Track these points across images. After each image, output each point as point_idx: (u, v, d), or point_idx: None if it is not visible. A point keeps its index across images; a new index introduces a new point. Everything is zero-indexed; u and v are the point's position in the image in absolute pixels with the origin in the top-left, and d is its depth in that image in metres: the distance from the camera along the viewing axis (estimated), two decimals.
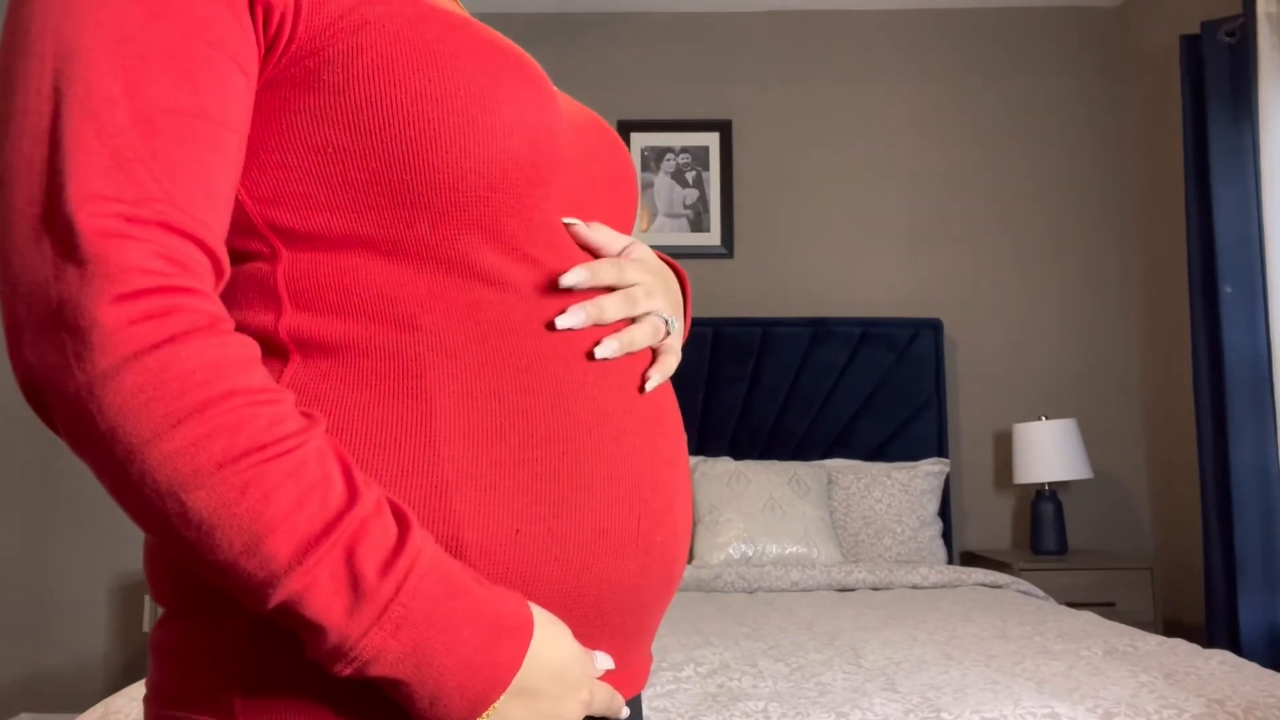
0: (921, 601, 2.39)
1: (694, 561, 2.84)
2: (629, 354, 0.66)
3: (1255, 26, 2.58)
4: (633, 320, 0.67)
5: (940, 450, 3.28)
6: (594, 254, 0.67)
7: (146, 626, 3.27)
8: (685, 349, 3.30)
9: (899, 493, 3.08)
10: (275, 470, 0.48)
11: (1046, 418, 3.23)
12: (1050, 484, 3.16)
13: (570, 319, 0.62)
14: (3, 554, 3.26)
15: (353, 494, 0.50)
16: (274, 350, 0.57)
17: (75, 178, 0.46)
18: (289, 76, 0.56)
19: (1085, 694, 1.48)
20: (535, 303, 0.61)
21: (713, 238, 3.50)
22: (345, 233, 0.57)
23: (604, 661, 0.61)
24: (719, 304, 3.48)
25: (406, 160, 0.56)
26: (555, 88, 0.69)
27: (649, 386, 0.67)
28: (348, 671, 0.49)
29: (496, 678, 0.52)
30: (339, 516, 0.49)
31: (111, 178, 0.47)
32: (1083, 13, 3.58)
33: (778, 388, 3.30)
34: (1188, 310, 3.17)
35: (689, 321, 0.81)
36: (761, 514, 2.87)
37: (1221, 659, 1.69)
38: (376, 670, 0.50)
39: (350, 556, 0.49)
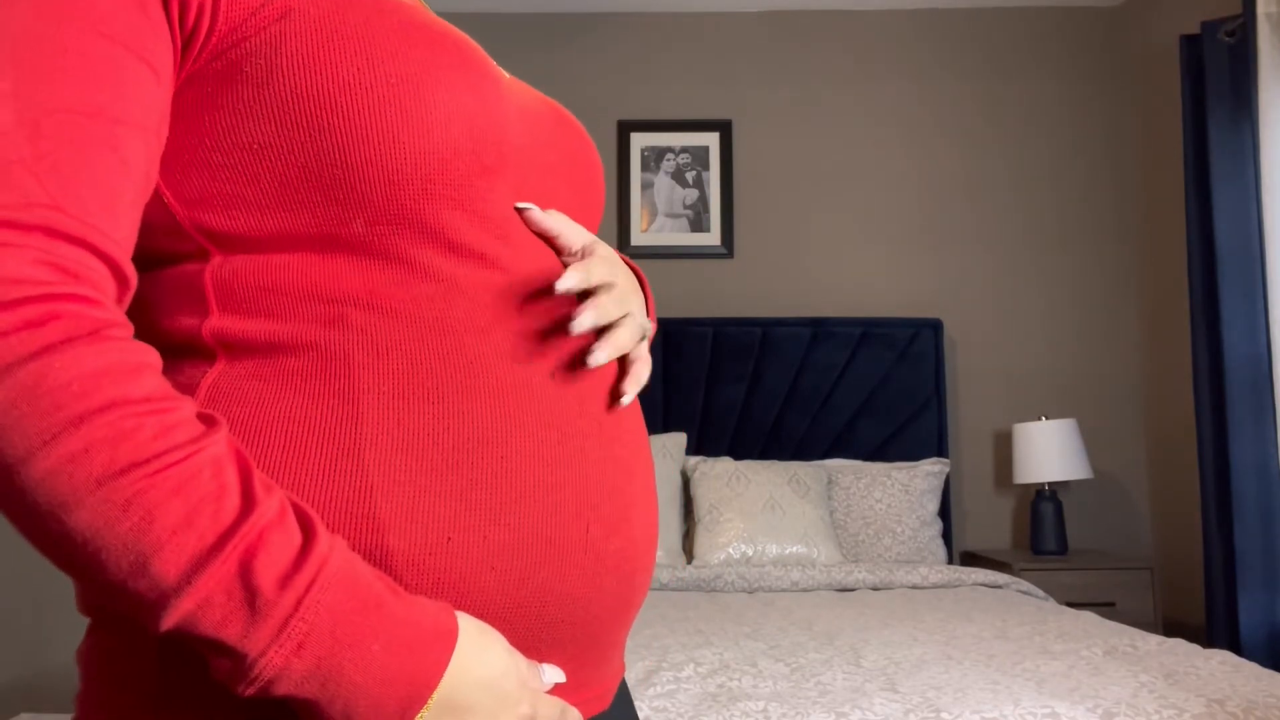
0: (921, 601, 2.39)
1: (694, 561, 2.84)
2: (577, 355, 0.63)
3: (1255, 26, 2.58)
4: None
5: (940, 450, 3.28)
6: (549, 242, 0.64)
7: None
8: (686, 349, 3.31)
9: (899, 493, 3.08)
10: (161, 484, 0.44)
11: (1046, 418, 3.23)
12: (1050, 484, 3.16)
13: (585, 321, 0.60)
14: (3, 554, 3.26)
15: (249, 503, 0.46)
16: (200, 353, 0.55)
17: None
18: (211, 71, 0.53)
19: (1085, 694, 1.48)
20: (480, 299, 0.58)
21: (713, 238, 3.50)
22: (277, 232, 0.55)
23: (552, 674, 0.57)
24: (719, 304, 3.48)
25: (336, 155, 0.53)
26: (506, 75, 0.67)
27: (625, 401, 0.64)
28: (250, 692, 0.46)
29: (414, 694, 0.48)
30: (233, 528, 0.45)
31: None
32: (1083, 13, 3.58)
33: (778, 388, 3.30)
34: (1188, 310, 3.17)
35: (654, 328, 0.79)
36: (761, 514, 2.87)
37: (1221, 659, 1.69)
38: (281, 690, 0.46)
39: (246, 571, 0.45)
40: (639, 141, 3.53)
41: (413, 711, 0.48)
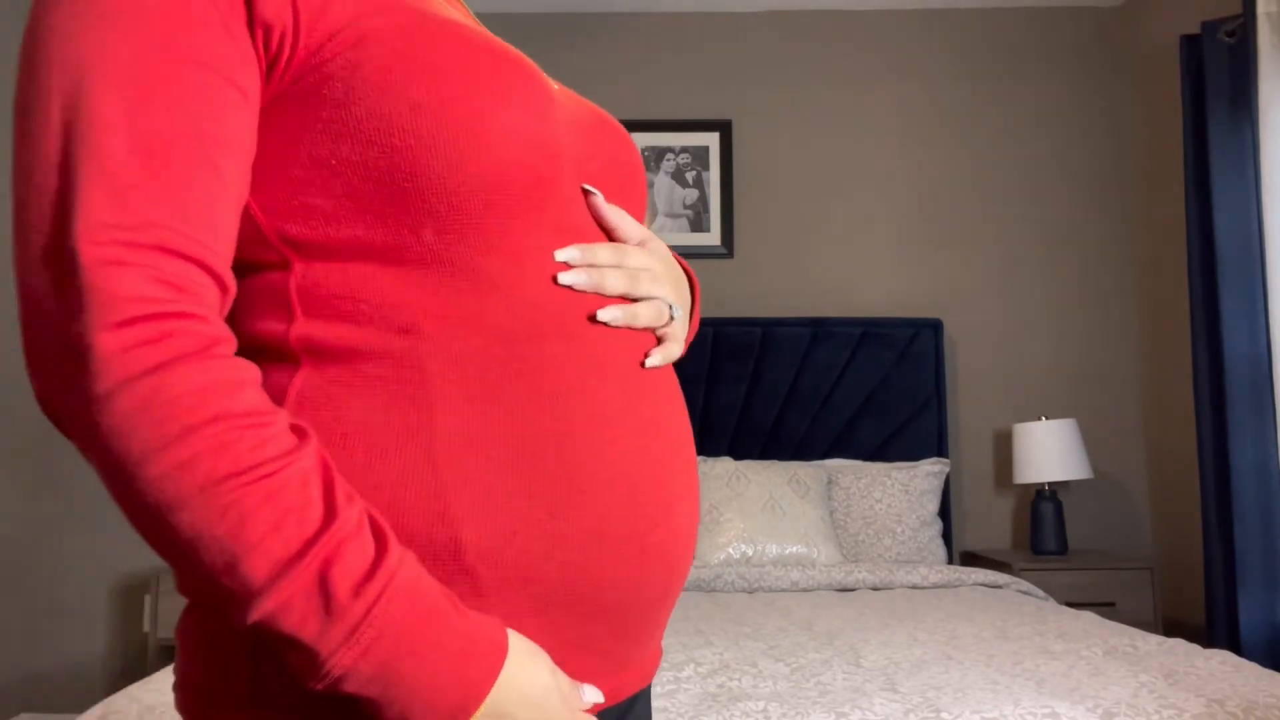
0: (921, 601, 2.39)
1: (694, 561, 2.84)
2: (629, 359, 0.67)
3: (1255, 26, 2.58)
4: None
5: (940, 450, 3.28)
6: (609, 234, 0.69)
7: (146, 626, 3.27)
8: (687, 350, 3.30)
9: (899, 493, 3.08)
10: (254, 493, 0.49)
11: (1046, 418, 3.23)
12: (1050, 484, 3.16)
13: (571, 277, 0.63)
14: (3, 554, 3.26)
15: (331, 515, 0.51)
16: (285, 357, 0.59)
17: (78, 207, 0.49)
18: (292, 92, 0.57)
19: (1085, 694, 1.48)
20: (536, 307, 0.62)
21: (713, 238, 3.50)
22: (353, 242, 0.59)
23: (592, 695, 0.61)
24: (719, 304, 3.48)
25: (407, 170, 0.57)
26: (555, 84, 0.70)
27: (649, 363, 0.68)
28: (320, 687, 0.51)
29: (464, 702, 0.53)
30: (314, 538, 0.50)
31: (112, 206, 0.49)
32: (1083, 13, 3.58)
33: (778, 388, 3.30)
34: (1188, 310, 3.17)
35: (696, 324, 0.82)
36: (761, 514, 2.87)
37: (1221, 659, 1.69)
38: (347, 688, 0.51)
39: (324, 577, 0.50)
40: (639, 141, 3.53)
41: (461, 718, 0.53)
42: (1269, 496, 2.57)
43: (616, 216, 0.69)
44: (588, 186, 0.67)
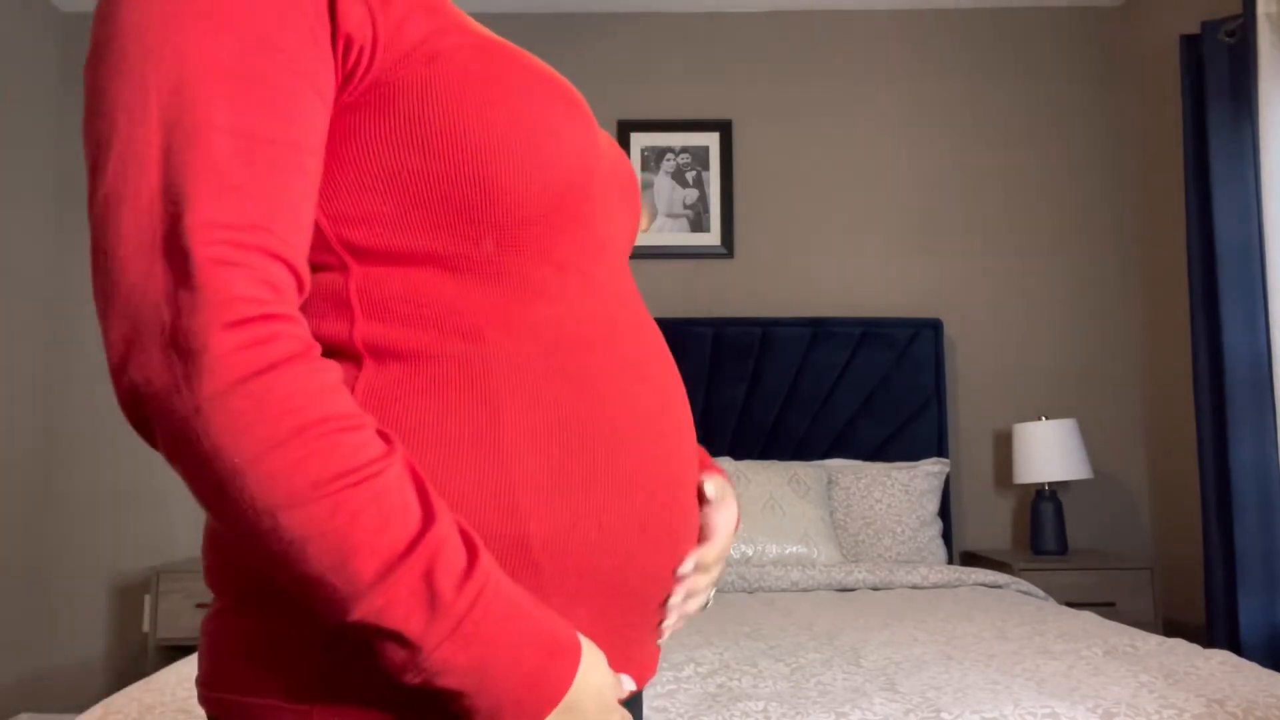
0: (921, 601, 2.39)
1: None
2: (660, 363, 0.72)
3: (1255, 26, 2.58)
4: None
5: (940, 450, 3.28)
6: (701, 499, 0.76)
7: (146, 626, 3.27)
8: (686, 349, 3.31)
9: (899, 493, 3.08)
10: (362, 493, 0.51)
11: (1046, 418, 3.23)
12: (1050, 484, 3.16)
13: (674, 608, 0.72)
14: (3, 554, 3.26)
15: (429, 517, 0.53)
16: (349, 356, 0.61)
17: (190, 206, 0.49)
18: (365, 102, 0.59)
19: (1085, 694, 1.48)
20: (581, 316, 0.66)
21: (713, 238, 3.50)
22: (414, 249, 0.61)
23: (628, 683, 0.65)
24: (719, 304, 3.48)
25: (476, 182, 0.59)
26: None
27: (666, 627, 0.73)
28: (416, 681, 0.53)
29: (549, 695, 0.56)
30: (419, 537, 0.52)
31: (221, 205, 0.50)
32: (1083, 13, 3.58)
33: (778, 388, 3.30)
34: (1188, 310, 3.17)
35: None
36: (761, 514, 2.87)
37: (1221, 659, 1.69)
38: (444, 681, 0.53)
39: (429, 575, 0.52)
40: (639, 141, 3.53)
41: (545, 711, 0.56)
42: (1269, 496, 2.56)
43: (718, 512, 0.76)
44: (709, 491, 0.76)
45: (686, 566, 0.71)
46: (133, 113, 0.50)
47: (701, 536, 0.74)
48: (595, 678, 0.59)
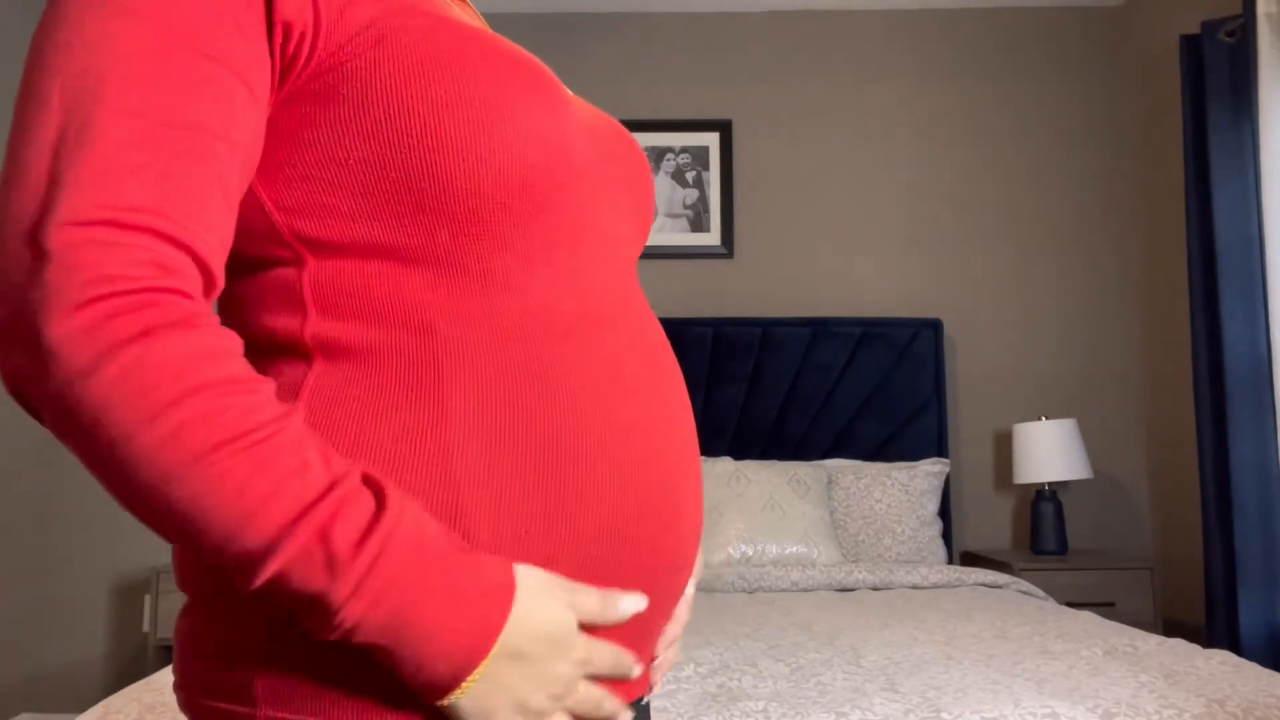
0: (921, 601, 2.39)
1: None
2: (643, 361, 0.68)
3: (1255, 26, 2.58)
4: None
5: (940, 450, 3.28)
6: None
7: (146, 626, 3.27)
8: (686, 349, 3.31)
9: (899, 493, 3.08)
10: (250, 459, 0.49)
11: (1046, 418, 3.23)
12: (1050, 484, 3.16)
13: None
14: (3, 554, 3.26)
15: (327, 476, 0.51)
16: (299, 353, 0.60)
17: (68, 189, 0.48)
18: (310, 91, 0.57)
19: (1085, 694, 1.48)
20: (551, 308, 0.63)
21: (713, 238, 3.50)
22: (368, 241, 0.59)
23: (632, 603, 0.62)
24: (719, 304, 3.48)
25: (426, 170, 0.57)
26: (570, 93, 0.70)
27: (648, 697, 0.73)
28: (335, 637, 0.52)
29: (477, 644, 0.53)
30: (315, 500, 0.50)
31: (104, 189, 0.48)
32: (1083, 13, 3.58)
33: (778, 388, 3.30)
34: (1188, 310, 3.17)
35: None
36: (761, 514, 2.87)
37: (1221, 659, 1.69)
38: (360, 639, 0.52)
39: (325, 537, 0.50)
40: (639, 141, 3.53)
41: (476, 660, 0.53)
42: (1269, 496, 2.56)
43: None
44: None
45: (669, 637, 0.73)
46: (40, 100, 0.50)
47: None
48: (542, 619, 0.56)
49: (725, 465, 3.02)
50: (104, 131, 0.49)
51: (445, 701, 0.54)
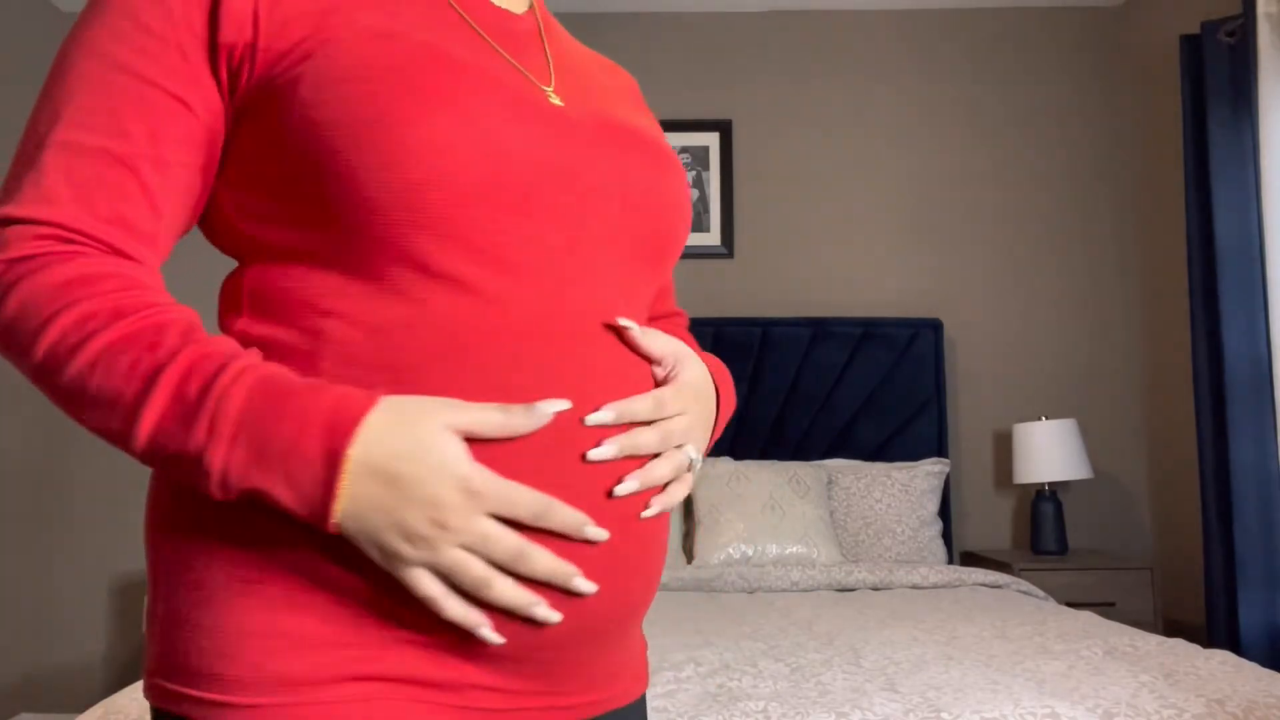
0: (921, 601, 2.39)
1: (694, 562, 2.84)
2: (551, 383, 0.63)
3: (1255, 26, 2.58)
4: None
5: (940, 450, 3.28)
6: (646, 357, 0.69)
7: (146, 626, 3.27)
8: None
9: (899, 493, 3.08)
10: (114, 345, 0.56)
11: (1046, 418, 3.23)
12: (1050, 484, 3.16)
13: (604, 451, 0.62)
14: (3, 554, 3.26)
15: (183, 343, 0.57)
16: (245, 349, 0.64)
17: (10, 198, 0.59)
18: (250, 105, 0.62)
19: (1085, 694, 1.48)
20: (440, 325, 0.61)
21: (713, 238, 3.50)
22: (294, 246, 0.63)
23: (551, 406, 0.60)
24: (719, 304, 3.48)
25: (330, 184, 0.60)
26: (548, 95, 0.68)
27: (648, 514, 0.66)
28: (219, 493, 0.56)
29: (331, 459, 0.55)
30: (167, 360, 0.56)
31: (37, 203, 0.58)
32: (1083, 13, 3.58)
33: (778, 388, 3.30)
34: (1188, 310, 3.17)
35: (718, 433, 0.80)
36: (761, 514, 2.87)
37: (1221, 659, 1.69)
38: (238, 484, 0.55)
39: (179, 393, 0.55)
40: None
41: (333, 475, 0.55)
42: (1269, 496, 2.56)
43: (655, 344, 0.68)
44: (624, 321, 0.66)
45: (603, 416, 0.63)
46: (28, 124, 0.61)
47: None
48: (403, 433, 0.56)
49: (725, 465, 3.02)
50: (46, 159, 0.59)
51: (332, 522, 0.55)
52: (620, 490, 0.63)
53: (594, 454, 0.62)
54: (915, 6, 3.57)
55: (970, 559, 3.34)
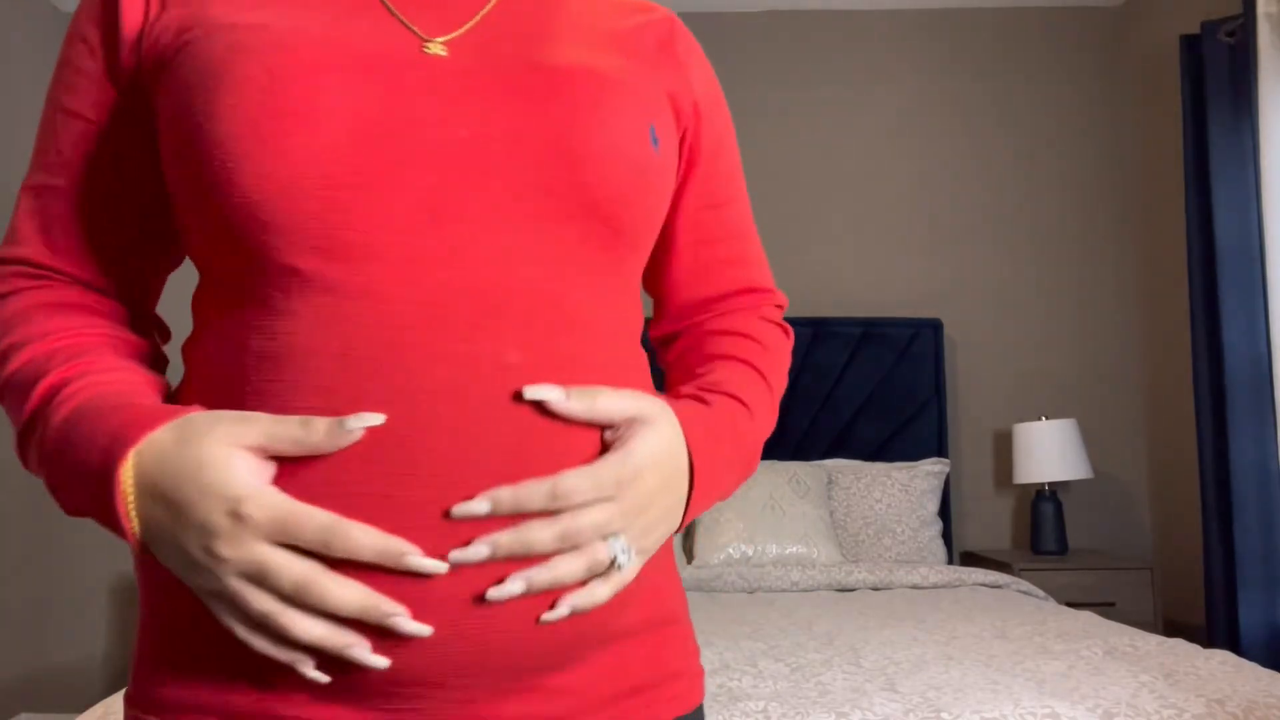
0: (921, 601, 2.39)
1: (694, 561, 2.84)
2: (395, 404, 0.54)
3: (1255, 26, 2.58)
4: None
5: (940, 450, 3.28)
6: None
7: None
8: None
9: (899, 493, 3.08)
10: (14, 372, 0.60)
11: (1046, 418, 3.23)
12: (1050, 484, 3.16)
13: (472, 553, 0.51)
14: (3, 554, 3.26)
15: (48, 370, 0.58)
16: None
17: None
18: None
19: (1085, 694, 1.48)
20: (315, 333, 0.54)
21: None
22: (197, 262, 0.64)
23: (360, 421, 0.51)
24: None
25: (172, 189, 0.62)
26: (435, 46, 0.60)
27: (550, 616, 0.54)
28: (81, 514, 0.57)
29: (105, 492, 0.53)
30: (33, 390, 0.58)
31: (8, 239, 0.65)
32: (1083, 13, 3.58)
33: None
34: (1188, 310, 3.17)
35: (695, 513, 0.67)
36: (761, 514, 2.87)
37: (1221, 659, 1.69)
38: (78, 510, 0.56)
39: (30, 422, 0.58)
40: None
41: (112, 501, 0.53)
42: (1269, 496, 2.56)
43: (584, 408, 0.56)
44: (536, 392, 0.54)
45: (475, 507, 0.51)
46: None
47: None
48: (179, 451, 0.51)
49: None
50: (20, 203, 0.66)
51: (133, 545, 0.54)
52: (495, 595, 0.51)
53: (457, 555, 0.51)
54: (915, 7, 3.57)
55: (970, 559, 3.34)
